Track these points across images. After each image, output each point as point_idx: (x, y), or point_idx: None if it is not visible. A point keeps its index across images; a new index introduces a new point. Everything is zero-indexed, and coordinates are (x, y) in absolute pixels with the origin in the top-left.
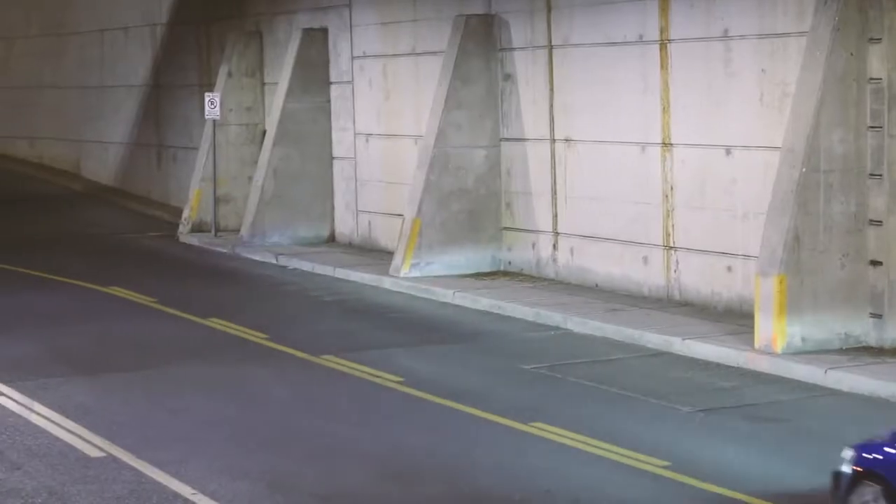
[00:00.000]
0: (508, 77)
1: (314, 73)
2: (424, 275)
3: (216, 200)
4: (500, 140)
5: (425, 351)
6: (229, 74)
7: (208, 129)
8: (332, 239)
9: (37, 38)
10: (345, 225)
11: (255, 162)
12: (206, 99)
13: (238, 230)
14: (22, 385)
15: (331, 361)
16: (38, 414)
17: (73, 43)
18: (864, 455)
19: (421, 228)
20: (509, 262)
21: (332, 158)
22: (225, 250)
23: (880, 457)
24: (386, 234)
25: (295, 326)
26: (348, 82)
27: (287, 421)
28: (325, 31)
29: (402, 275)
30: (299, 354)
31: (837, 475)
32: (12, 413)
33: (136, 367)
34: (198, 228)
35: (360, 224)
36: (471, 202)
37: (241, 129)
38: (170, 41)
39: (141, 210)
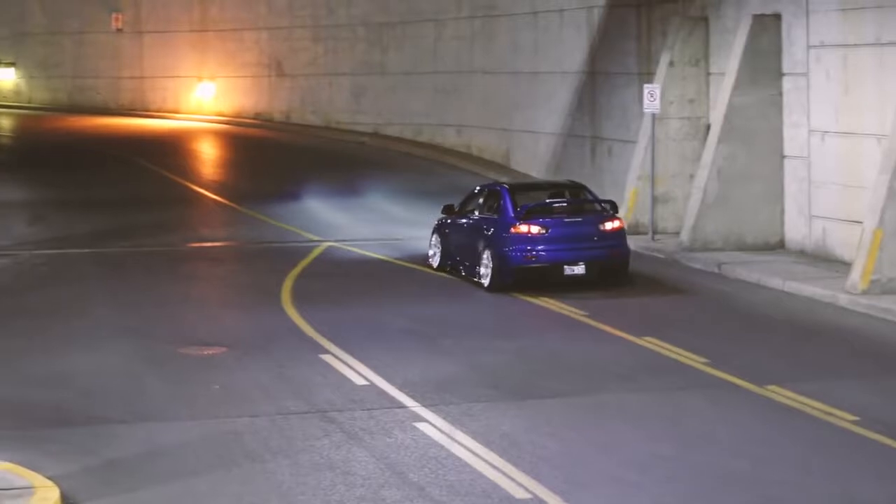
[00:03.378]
0: None
1: (764, 64)
2: (886, 292)
3: (654, 200)
4: None
5: (886, 385)
6: (671, 63)
7: (647, 122)
8: (780, 246)
9: (466, 19)
10: (796, 231)
11: (697, 159)
12: (646, 91)
13: (677, 233)
14: (445, 410)
15: (777, 393)
16: (461, 444)
17: (504, 26)
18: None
19: (882, 240)
20: None
21: (783, 157)
22: (662, 256)
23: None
24: (842, 243)
25: (738, 349)
26: (802, 74)
27: (727, 464)
28: (777, 17)
29: (859, 292)
30: (742, 384)
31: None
32: (435, 443)
33: (563, 393)
34: (633, 230)
35: (812, 230)
36: None
37: (682, 123)
38: (607, 25)
39: None
